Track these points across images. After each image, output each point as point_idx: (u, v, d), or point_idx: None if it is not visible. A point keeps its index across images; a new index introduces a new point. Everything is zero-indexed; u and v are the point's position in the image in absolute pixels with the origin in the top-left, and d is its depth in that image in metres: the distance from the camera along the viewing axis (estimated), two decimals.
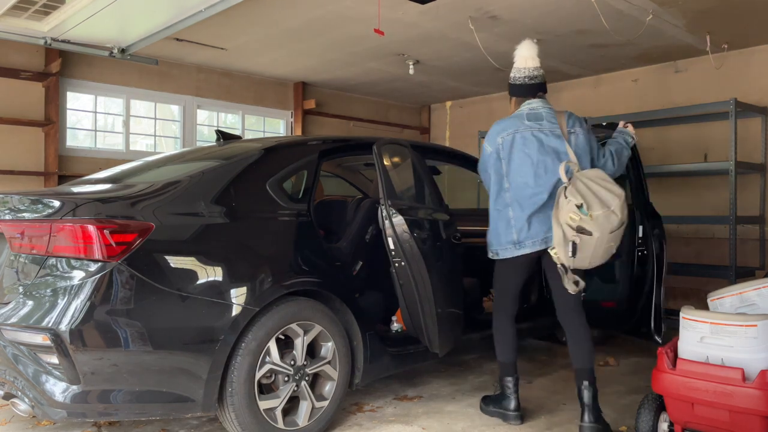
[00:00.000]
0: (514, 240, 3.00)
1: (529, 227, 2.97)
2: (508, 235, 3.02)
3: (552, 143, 2.96)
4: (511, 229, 3.01)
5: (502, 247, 3.06)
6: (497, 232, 3.08)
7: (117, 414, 2.45)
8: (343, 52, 6.05)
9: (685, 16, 4.85)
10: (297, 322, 2.85)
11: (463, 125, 8.29)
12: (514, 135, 3.01)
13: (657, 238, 3.59)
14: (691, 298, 5.93)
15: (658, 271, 3.53)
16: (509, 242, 3.02)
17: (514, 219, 3.00)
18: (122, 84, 6.18)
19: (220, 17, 4.68)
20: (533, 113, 3.03)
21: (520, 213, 2.99)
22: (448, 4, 4.65)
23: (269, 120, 7.56)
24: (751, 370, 2.31)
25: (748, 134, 5.63)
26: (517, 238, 2.99)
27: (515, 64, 3.12)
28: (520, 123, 3.02)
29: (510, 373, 3.18)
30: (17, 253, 2.53)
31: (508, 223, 3.02)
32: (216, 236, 2.68)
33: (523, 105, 3.08)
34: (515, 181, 3.00)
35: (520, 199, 2.99)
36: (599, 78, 6.89)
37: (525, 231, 2.98)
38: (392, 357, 3.30)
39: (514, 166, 3.00)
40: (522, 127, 3.01)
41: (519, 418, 3.14)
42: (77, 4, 3.86)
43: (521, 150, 2.98)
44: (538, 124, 3.00)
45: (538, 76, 3.06)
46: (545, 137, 2.97)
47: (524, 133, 3.00)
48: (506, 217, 3.03)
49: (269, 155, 3.07)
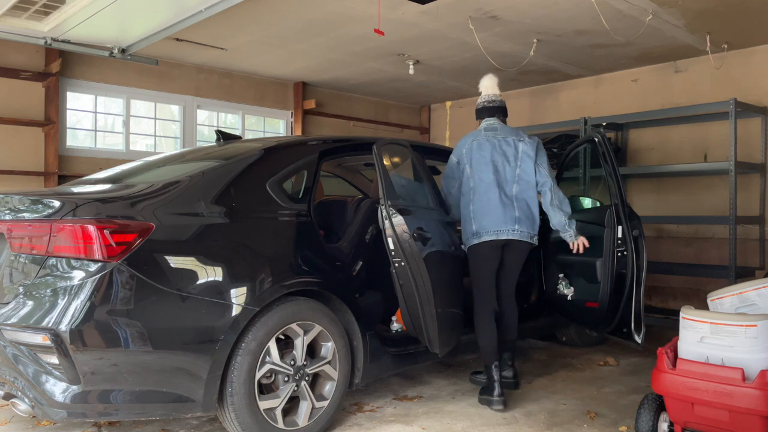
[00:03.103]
0: (475, 230, 3.43)
1: (487, 218, 3.41)
2: (471, 226, 3.44)
3: (503, 147, 3.50)
4: (472, 220, 3.45)
5: (468, 237, 3.47)
6: (466, 226, 3.50)
7: (117, 414, 2.45)
8: (343, 52, 6.05)
9: (685, 16, 4.85)
10: (297, 322, 2.85)
11: (463, 125, 8.29)
12: (472, 143, 3.54)
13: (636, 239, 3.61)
14: (691, 298, 5.93)
15: (638, 272, 3.56)
16: (472, 232, 3.44)
17: (474, 211, 3.45)
18: (122, 84, 6.18)
19: (220, 17, 4.68)
20: (489, 126, 3.59)
21: (479, 206, 3.44)
22: (448, 4, 4.65)
23: (269, 120, 7.56)
24: (751, 370, 2.32)
25: (748, 134, 5.63)
26: (477, 228, 3.43)
27: (480, 92, 3.72)
28: (478, 134, 3.58)
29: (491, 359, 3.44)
30: (17, 253, 2.52)
31: (471, 215, 3.46)
32: (216, 236, 2.68)
33: (483, 122, 3.63)
34: (476, 178, 3.48)
35: (479, 194, 3.45)
36: (599, 78, 6.89)
37: (484, 221, 3.42)
38: (392, 357, 3.30)
39: (474, 167, 3.49)
40: (479, 137, 3.55)
41: (501, 403, 3.34)
42: (77, 4, 3.86)
43: (478, 152, 3.51)
44: (493, 134, 3.55)
45: (496, 100, 3.65)
46: (497, 142, 3.51)
47: (480, 140, 3.54)
48: (469, 211, 3.48)
49: (269, 155, 3.07)
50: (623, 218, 3.59)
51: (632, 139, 6.55)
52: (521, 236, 3.40)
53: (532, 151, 3.50)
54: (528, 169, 3.47)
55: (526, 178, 3.47)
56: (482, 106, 3.67)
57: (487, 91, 3.70)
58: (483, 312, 3.46)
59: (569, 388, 3.77)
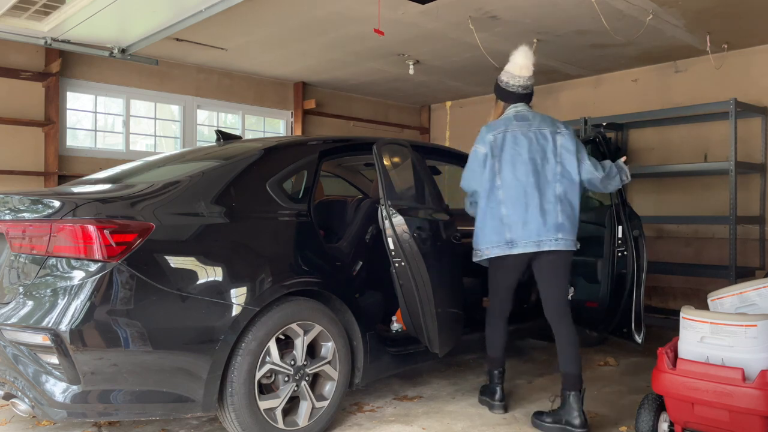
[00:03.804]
0: (507, 239, 3.03)
1: (523, 227, 3.01)
2: (501, 234, 3.05)
3: (540, 141, 3.07)
4: (503, 227, 3.04)
5: (493, 245, 3.08)
6: (488, 231, 3.09)
7: (117, 414, 2.45)
8: (343, 52, 6.05)
9: (685, 16, 4.85)
10: (297, 322, 2.85)
11: (463, 125, 8.29)
12: (505, 134, 3.10)
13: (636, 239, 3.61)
14: (691, 298, 5.93)
15: (638, 272, 3.56)
16: (502, 240, 3.05)
17: (507, 217, 3.03)
18: (122, 84, 6.18)
19: (220, 17, 4.68)
20: (520, 115, 3.15)
21: (512, 211, 3.03)
22: (448, 4, 4.65)
23: (269, 120, 7.56)
24: (751, 370, 2.31)
25: (748, 134, 5.63)
26: (510, 236, 3.02)
27: (510, 69, 3.22)
28: (509, 123, 3.13)
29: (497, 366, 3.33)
30: (17, 253, 2.52)
31: (501, 221, 3.05)
32: (216, 236, 2.68)
33: (509, 108, 3.21)
34: (507, 177, 3.05)
35: (512, 197, 3.03)
36: (599, 78, 6.89)
37: (519, 230, 3.02)
38: (392, 357, 3.30)
39: (506, 164, 3.06)
40: (511, 126, 3.11)
41: (502, 407, 3.30)
42: (77, 4, 3.86)
43: (512, 148, 3.06)
44: (527, 125, 3.11)
45: (531, 86, 3.20)
46: (533, 136, 3.08)
47: (514, 132, 3.10)
48: (498, 215, 3.06)
49: (269, 155, 3.07)
50: (623, 218, 3.58)
51: (632, 139, 6.55)
52: (565, 245, 3.01)
53: (572, 145, 3.08)
54: (570, 165, 3.06)
55: (569, 176, 3.06)
56: (514, 90, 3.20)
57: (522, 72, 3.19)
58: (495, 320, 3.31)
59: None
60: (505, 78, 3.23)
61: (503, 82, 3.24)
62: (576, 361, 3.02)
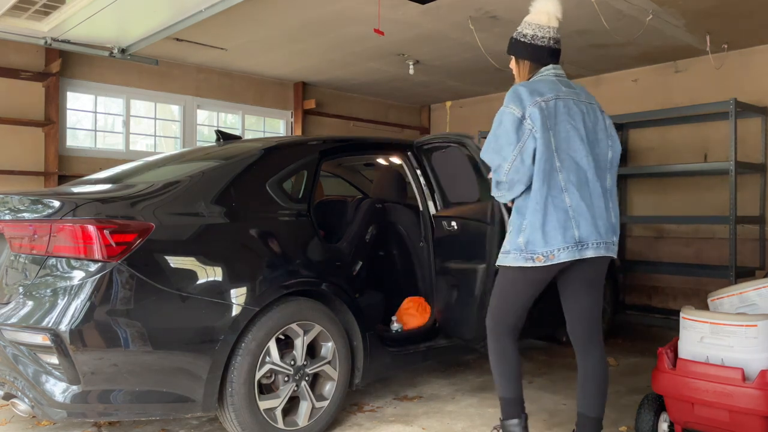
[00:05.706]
0: (576, 238, 2.24)
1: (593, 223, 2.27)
2: (568, 231, 2.24)
3: (592, 117, 2.38)
4: (570, 222, 2.24)
5: (559, 247, 2.23)
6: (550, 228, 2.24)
7: (117, 414, 2.45)
8: (343, 52, 6.05)
9: (685, 16, 4.85)
10: (297, 322, 2.85)
11: (463, 125, 8.28)
12: (556, 101, 2.30)
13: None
14: (691, 298, 5.93)
15: None
16: (570, 241, 2.24)
17: (573, 210, 2.25)
18: (122, 84, 6.18)
19: (220, 17, 4.68)
20: (564, 80, 2.41)
21: (578, 203, 2.26)
22: (448, 4, 4.65)
23: (269, 120, 7.56)
24: (751, 370, 2.31)
25: (748, 134, 5.63)
26: (579, 235, 2.24)
27: (533, 18, 2.47)
28: (556, 87, 2.35)
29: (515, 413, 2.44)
30: (17, 253, 2.52)
31: (567, 215, 2.24)
32: (216, 236, 2.68)
33: (545, 69, 2.43)
34: (566, 157, 2.28)
35: (575, 185, 2.26)
36: (599, 78, 6.88)
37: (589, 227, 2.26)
38: (392, 357, 3.30)
39: (562, 141, 2.28)
40: (560, 91, 2.34)
41: None
42: (77, 4, 3.86)
43: (567, 121, 2.29)
44: (575, 93, 2.38)
45: (560, 40, 2.47)
46: (585, 109, 2.37)
47: (566, 99, 2.32)
48: (563, 207, 2.25)
49: (269, 155, 3.07)
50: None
51: (632, 139, 6.55)
52: (615, 252, 2.38)
53: (612, 126, 2.47)
54: (618, 152, 2.44)
55: (616, 165, 2.44)
56: (544, 44, 2.43)
57: (550, 22, 2.46)
58: (505, 341, 2.44)
59: (569, 388, 3.77)
60: (531, 31, 2.44)
61: (528, 35, 2.44)
62: (601, 400, 2.36)
